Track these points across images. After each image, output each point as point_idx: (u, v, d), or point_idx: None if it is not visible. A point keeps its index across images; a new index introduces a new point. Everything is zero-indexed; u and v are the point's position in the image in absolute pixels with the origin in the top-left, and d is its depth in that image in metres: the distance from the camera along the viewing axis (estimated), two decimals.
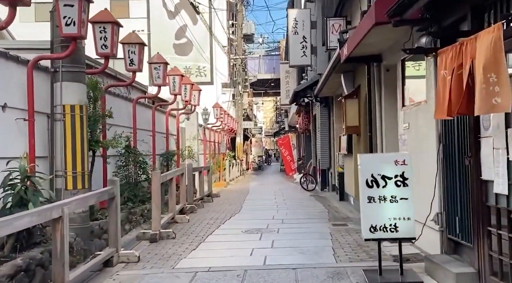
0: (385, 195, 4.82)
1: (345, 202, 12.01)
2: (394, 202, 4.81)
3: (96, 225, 7.07)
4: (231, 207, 11.83)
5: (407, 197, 4.81)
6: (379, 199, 4.83)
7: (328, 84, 12.41)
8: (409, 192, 4.81)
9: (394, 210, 4.80)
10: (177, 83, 12.04)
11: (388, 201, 4.82)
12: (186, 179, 11.36)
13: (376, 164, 4.88)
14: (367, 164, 4.90)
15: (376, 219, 4.82)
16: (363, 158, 4.98)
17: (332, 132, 15.37)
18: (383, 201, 4.82)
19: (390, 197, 4.81)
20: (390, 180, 4.82)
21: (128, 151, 9.57)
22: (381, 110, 8.11)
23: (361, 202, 4.92)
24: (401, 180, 4.81)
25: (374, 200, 4.84)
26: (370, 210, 4.84)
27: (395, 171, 4.82)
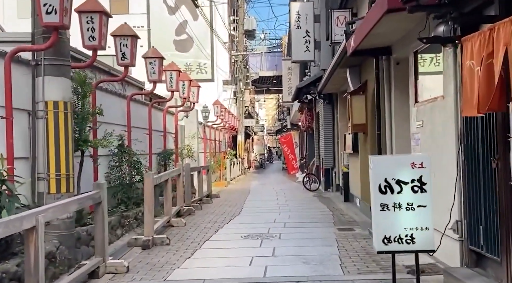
0: (401, 202, 4.27)
1: (350, 204, 11.46)
2: (411, 210, 4.26)
3: (83, 231, 6.55)
4: (231, 208, 11.30)
5: (425, 204, 4.26)
6: (394, 206, 4.28)
7: (333, 80, 11.86)
8: (428, 199, 4.26)
9: (410, 219, 4.25)
10: (174, 79, 11.51)
11: (404, 208, 4.27)
12: (183, 179, 10.82)
13: (390, 166, 4.33)
14: (379, 167, 4.36)
15: (390, 229, 4.28)
16: (375, 160, 4.43)
17: (336, 131, 14.82)
18: (398, 208, 4.27)
19: (406, 204, 4.27)
20: (406, 185, 4.27)
21: (122, 151, 9.03)
22: (391, 107, 7.56)
23: (373, 210, 4.38)
24: (418, 185, 4.26)
25: (387, 208, 4.29)
26: (383, 219, 4.30)
27: (412, 174, 4.27)
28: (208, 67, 29.64)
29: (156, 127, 12.78)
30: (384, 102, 7.71)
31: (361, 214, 9.65)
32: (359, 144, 10.15)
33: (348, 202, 11.74)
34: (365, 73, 9.40)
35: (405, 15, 5.69)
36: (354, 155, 10.70)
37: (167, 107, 13.38)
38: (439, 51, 5.57)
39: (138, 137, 10.86)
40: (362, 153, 9.89)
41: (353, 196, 11.46)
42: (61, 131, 5.95)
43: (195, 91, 14.08)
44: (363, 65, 9.61)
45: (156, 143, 12.76)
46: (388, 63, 7.62)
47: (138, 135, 11.01)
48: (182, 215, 10.08)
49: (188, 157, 15.14)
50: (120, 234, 7.81)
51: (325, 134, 15.33)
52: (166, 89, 11.62)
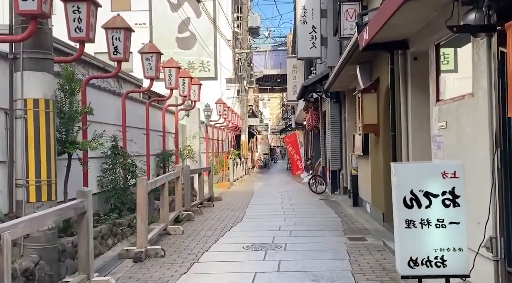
0: (429, 218, 3.63)
1: (359, 209, 10.81)
2: (441, 227, 3.62)
3: (69, 242, 5.93)
4: (233, 213, 10.67)
5: (459, 221, 3.61)
6: (421, 223, 3.64)
7: (341, 77, 11.20)
8: (462, 214, 3.62)
9: (441, 238, 3.61)
10: (173, 76, 10.87)
11: (434, 226, 3.62)
12: (183, 182, 10.21)
13: (417, 176, 3.68)
14: (404, 176, 3.71)
15: (417, 249, 3.63)
16: (399, 168, 3.78)
17: (343, 131, 14.16)
18: (427, 226, 3.63)
19: (436, 220, 3.62)
20: (436, 198, 3.63)
21: (115, 152, 8.41)
22: (407, 106, 6.90)
23: (396, 227, 3.73)
24: (450, 198, 3.62)
25: (414, 225, 3.65)
26: (408, 238, 3.65)
27: (443, 186, 3.62)
28: (211, 65, 29.05)
29: (154, 127, 12.16)
30: (400, 101, 7.05)
31: (372, 221, 9.00)
32: (370, 145, 9.50)
33: (357, 207, 11.09)
34: (377, 69, 8.74)
35: (428, 3, 5.08)
36: (364, 157, 10.04)
37: (167, 106, 12.76)
38: (466, 42, 4.92)
39: (135, 138, 10.26)
40: (373, 156, 9.24)
41: (363, 201, 10.81)
42: (42, 132, 5.33)
43: (196, 89, 13.45)
44: (374, 61, 8.95)
45: (155, 143, 12.16)
46: (404, 58, 6.96)
47: (135, 135, 10.41)
48: (181, 221, 9.47)
49: (189, 158, 14.53)
50: (112, 244, 7.19)
51: (332, 135, 14.67)
52: (165, 87, 10.99)
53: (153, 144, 11.88)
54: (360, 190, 11.13)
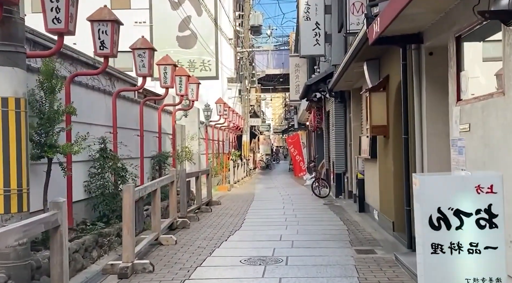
0: (461, 242, 3.00)
1: (366, 215, 10.17)
2: (475, 252, 2.98)
3: (45, 257, 5.31)
4: (232, 220, 10.04)
5: (496, 245, 2.98)
6: (451, 248, 3.00)
7: (346, 75, 10.57)
8: (500, 237, 2.98)
9: (475, 265, 2.98)
10: (168, 75, 10.26)
11: (466, 251, 2.99)
12: (178, 187, 9.61)
13: (446, 190, 3.05)
14: (431, 191, 3.07)
15: (446, 280, 3.00)
16: (425, 181, 3.14)
17: (348, 132, 13.53)
18: (457, 251, 3.00)
19: (469, 245, 2.99)
20: (469, 218, 2.99)
21: (104, 155, 7.80)
22: (421, 105, 6.27)
23: (421, 253, 3.10)
24: (486, 217, 2.98)
25: (442, 249, 3.01)
26: (436, 266, 3.01)
27: (477, 202, 2.99)
28: (212, 64, 28.48)
29: (150, 128, 11.57)
30: (413, 101, 6.42)
31: (381, 230, 8.37)
32: (378, 148, 8.86)
33: (364, 213, 10.45)
34: (387, 66, 8.11)
35: None
36: (372, 161, 9.41)
37: (163, 105, 12.15)
38: (494, 32, 4.30)
39: (129, 140, 9.66)
40: (381, 159, 8.60)
41: (369, 207, 10.17)
42: (12, 135, 4.71)
43: (194, 88, 12.85)
44: (384, 58, 8.32)
45: (151, 145, 11.56)
46: (418, 54, 6.32)
47: (129, 137, 9.82)
48: (176, 228, 8.85)
49: (186, 160, 13.92)
50: (97, 256, 6.56)
51: (336, 136, 14.04)
52: (160, 86, 10.38)
53: (148, 145, 11.29)
54: (366, 195, 10.49)
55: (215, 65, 28.54)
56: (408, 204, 6.49)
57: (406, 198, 6.52)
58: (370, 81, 8.67)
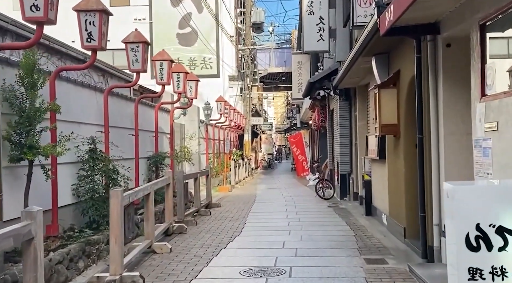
0: (505, 266, 2.46)
1: (373, 219, 9.62)
2: None
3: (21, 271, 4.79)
4: (232, 224, 9.51)
5: None
6: (493, 273, 2.47)
7: (352, 72, 10.02)
8: None
9: None
10: (165, 71, 9.72)
11: (511, 277, 2.45)
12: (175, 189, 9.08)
13: (486, 202, 2.51)
14: (467, 204, 2.53)
15: None
16: (460, 191, 2.60)
17: (354, 131, 12.97)
18: (500, 276, 2.47)
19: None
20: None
21: (93, 157, 7.27)
22: (437, 102, 5.71)
23: (455, 278, 2.55)
24: None
25: (481, 276, 2.48)
26: None
27: None
28: (213, 62, 27.98)
29: (146, 127, 11.05)
30: (428, 97, 5.87)
31: (390, 236, 7.82)
32: (387, 149, 8.31)
33: (371, 216, 9.91)
34: (397, 61, 7.55)
35: None
36: (380, 162, 8.86)
37: (160, 104, 11.62)
38: None
39: (123, 140, 9.15)
40: (391, 161, 8.05)
41: (377, 210, 9.63)
42: None
43: (193, 86, 12.30)
44: (394, 51, 7.77)
45: (147, 145, 11.04)
46: (434, 45, 5.77)
47: (123, 137, 9.30)
48: (172, 234, 8.33)
49: (185, 161, 13.40)
50: (84, 267, 6.03)
51: (340, 135, 13.49)
52: (156, 82, 9.85)
53: (144, 145, 10.77)
54: (374, 198, 9.94)
55: (216, 63, 28.03)
56: (422, 209, 5.95)
57: (421, 203, 5.97)
58: (379, 77, 8.12)
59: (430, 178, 5.78)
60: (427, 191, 5.90)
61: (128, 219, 6.00)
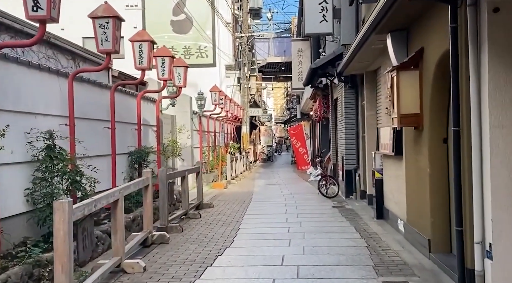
0: None
1: (386, 224, 8.37)
2: None
3: None
4: (223, 230, 8.25)
5: None
6: None
7: (361, 54, 8.72)
8: None
9: None
10: (145, 54, 8.41)
11: None
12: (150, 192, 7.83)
13: None
14: None
15: None
16: None
17: (361, 122, 11.69)
18: None
19: None
20: None
21: (51, 155, 5.98)
22: (480, 85, 4.42)
23: None
24: None
25: None
26: None
27: None
28: (209, 50, 26.64)
29: (127, 119, 9.79)
30: (467, 79, 4.57)
31: (410, 247, 6.56)
32: (406, 143, 7.03)
33: (383, 221, 8.66)
34: (420, 37, 6.24)
35: None
36: (396, 159, 7.58)
37: (143, 92, 10.32)
38: None
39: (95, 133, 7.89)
40: (411, 157, 6.76)
41: (389, 213, 8.36)
42: None
43: (181, 73, 10.99)
44: (414, 27, 6.45)
45: (128, 139, 9.78)
46: (475, 11, 4.45)
47: (95, 130, 8.03)
48: (152, 244, 7.08)
49: (174, 156, 12.13)
50: None
51: (346, 127, 12.20)
52: (134, 67, 8.53)
53: (124, 140, 9.53)
54: (386, 199, 8.68)
55: (212, 52, 26.72)
56: (459, 222, 4.67)
57: (457, 215, 4.70)
58: (395, 58, 6.81)
59: (470, 183, 4.50)
60: (465, 200, 4.62)
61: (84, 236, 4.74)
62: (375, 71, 10.40)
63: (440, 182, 5.78)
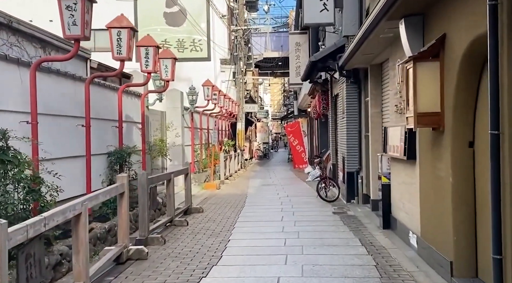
0: None
1: (394, 235, 7.46)
2: None
3: None
4: (211, 242, 7.32)
5: None
6: None
7: (367, 45, 7.80)
8: None
9: None
10: (124, 42, 7.44)
11: None
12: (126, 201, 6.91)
13: None
14: None
15: None
16: None
17: (364, 120, 10.77)
18: None
19: None
20: None
21: (3, 159, 5.03)
22: None
23: None
24: None
25: None
26: None
27: None
28: (203, 44, 25.66)
29: (106, 116, 8.84)
30: (510, 71, 3.65)
31: (426, 267, 5.65)
32: (421, 146, 6.10)
33: (390, 231, 7.75)
34: (440, 23, 5.29)
35: None
36: (407, 163, 6.65)
37: (125, 85, 9.36)
38: None
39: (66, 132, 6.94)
40: (427, 162, 5.84)
41: (397, 222, 7.45)
42: None
43: (168, 65, 10.04)
44: (433, 11, 5.51)
45: (108, 138, 8.85)
46: None
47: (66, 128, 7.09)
48: (127, 261, 6.15)
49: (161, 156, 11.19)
50: None
51: (347, 126, 11.27)
52: (112, 57, 7.56)
53: (103, 138, 8.59)
54: (394, 207, 7.76)
55: (206, 45, 25.73)
56: (497, 249, 3.76)
57: (495, 239, 3.78)
58: (410, 47, 5.87)
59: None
60: (505, 220, 3.71)
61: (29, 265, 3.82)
62: (380, 64, 9.48)
63: (465, 194, 4.87)
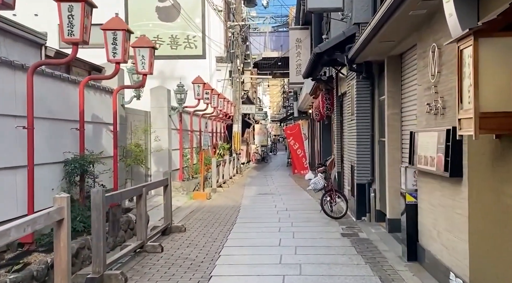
0: None
1: (423, 270, 5.77)
2: None
3: None
4: (186, 280, 5.63)
5: None
6: None
7: (390, 27, 6.12)
8: None
9: None
10: (76, 20, 5.74)
11: None
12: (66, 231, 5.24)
13: None
14: None
15: None
16: None
17: (378, 123, 9.09)
18: None
19: None
20: None
21: None
22: None
23: None
24: None
25: None
26: None
27: None
28: (198, 41, 24.05)
29: (63, 115, 7.16)
30: None
31: None
32: (471, 158, 4.41)
33: (418, 264, 6.06)
34: None
35: None
36: (449, 182, 4.96)
37: (87, 79, 7.67)
38: None
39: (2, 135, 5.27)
40: (482, 182, 4.15)
41: (428, 254, 5.76)
42: None
43: (146, 55, 8.39)
44: None
45: (66, 142, 7.17)
46: None
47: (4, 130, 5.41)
48: None
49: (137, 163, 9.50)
50: None
51: (358, 129, 9.58)
52: (62, 39, 5.87)
53: (57, 143, 6.91)
54: (424, 235, 6.06)
55: (201, 42, 24.12)
56: None
57: None
58: (460, 24, 4.20)
59: None
60: None
61: None
62: (400, 55, 7.83)
63: None
